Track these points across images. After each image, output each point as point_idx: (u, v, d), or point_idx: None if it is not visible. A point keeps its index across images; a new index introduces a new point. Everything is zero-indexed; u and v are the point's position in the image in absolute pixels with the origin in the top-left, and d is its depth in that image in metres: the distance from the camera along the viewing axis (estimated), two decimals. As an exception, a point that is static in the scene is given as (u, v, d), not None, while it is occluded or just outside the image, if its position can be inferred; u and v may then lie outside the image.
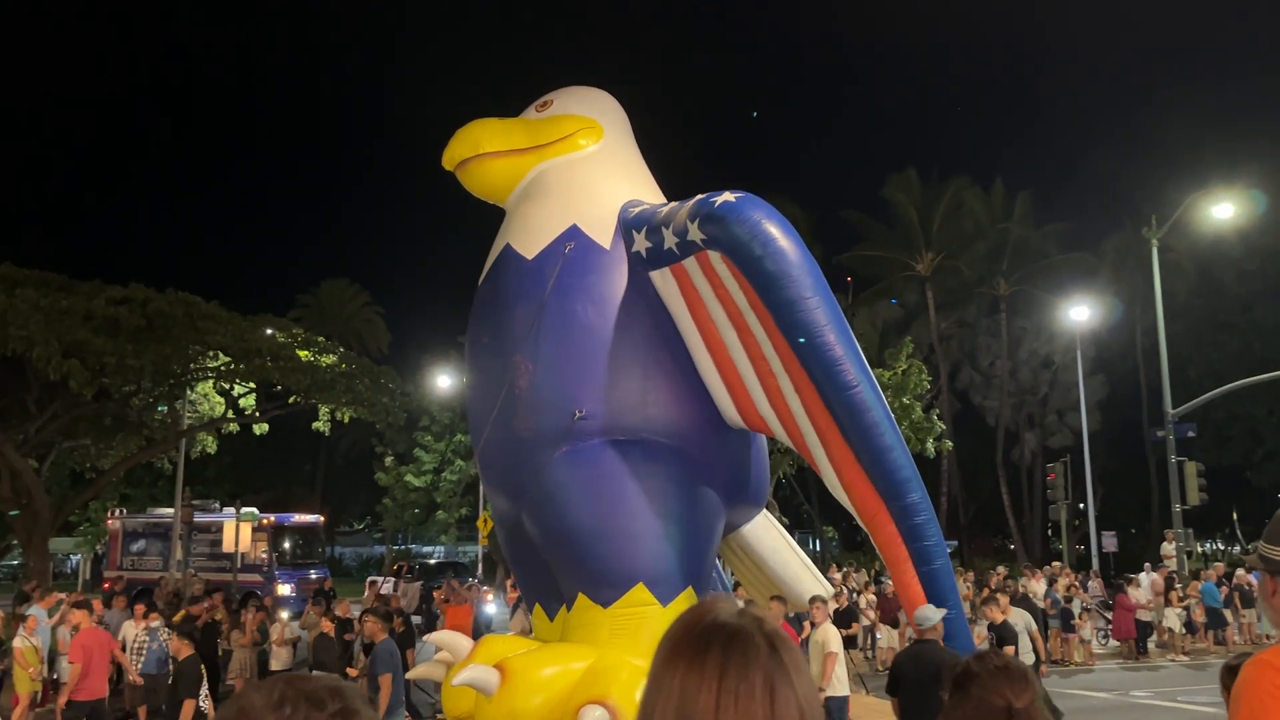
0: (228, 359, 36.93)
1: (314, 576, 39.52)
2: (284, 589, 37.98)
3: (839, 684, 9.91)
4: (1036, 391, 53.03)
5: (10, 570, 55.30)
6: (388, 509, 51.58)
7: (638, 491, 9.38)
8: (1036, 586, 26.68)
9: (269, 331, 38.27)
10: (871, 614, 25.11)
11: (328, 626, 18.23)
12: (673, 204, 9.55)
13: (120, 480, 46.22)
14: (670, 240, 9.20)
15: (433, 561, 48.78)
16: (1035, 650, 14.55)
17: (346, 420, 42.00)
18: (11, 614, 21.14)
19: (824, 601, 12.12)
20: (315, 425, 41.89)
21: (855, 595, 27.77)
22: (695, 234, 9.01)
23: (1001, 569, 33.73)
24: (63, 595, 22.42)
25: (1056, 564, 31.96)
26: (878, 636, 24.90)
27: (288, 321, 41.49)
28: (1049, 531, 50.75)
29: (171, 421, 39.00)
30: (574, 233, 9.70)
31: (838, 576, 30.25)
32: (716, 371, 9.56)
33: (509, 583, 30.67)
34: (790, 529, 48.67)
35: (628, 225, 9.61)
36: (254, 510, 39.19)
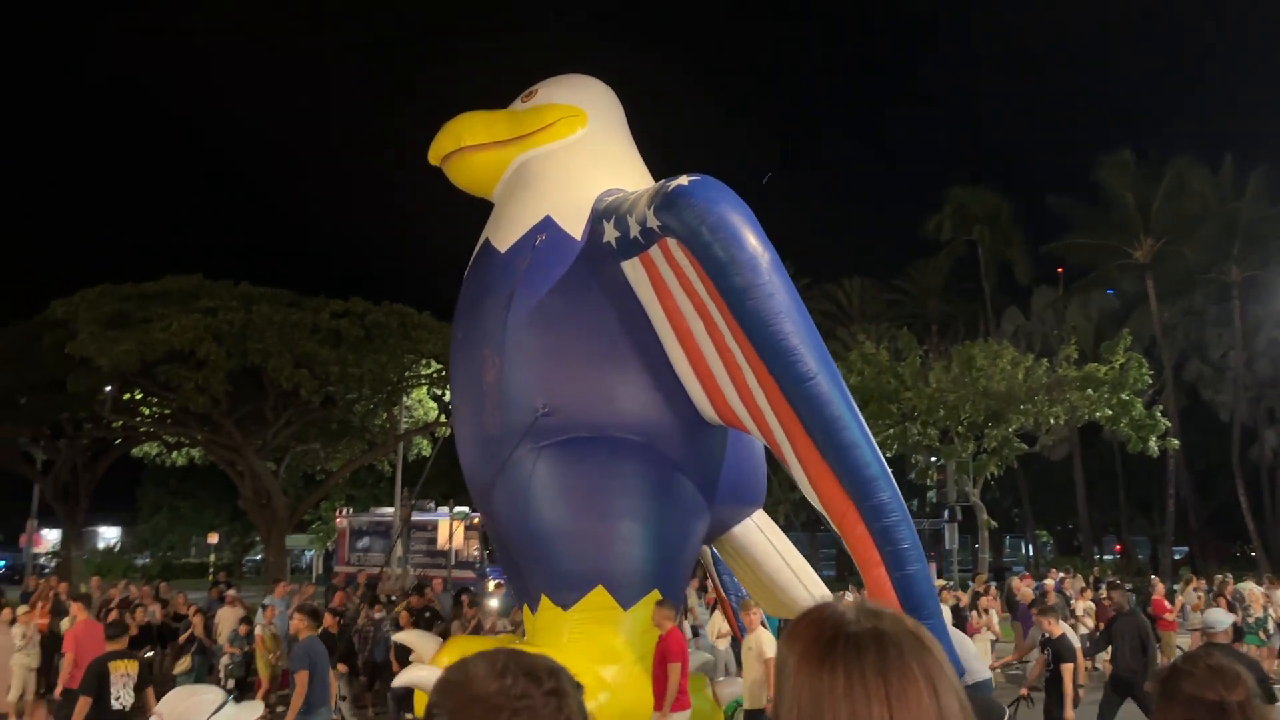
0: (439, 366, 38.61)
1: (523, 571, 40.64)
2: (493, 584, 39.25)
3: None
4: (1278, 384, 47.23)
5: (254, 565, 59.36)
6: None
7: (603, 491, 9.08)
8: (1281, 596, 24.17)
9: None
10: (1089, 621, 23.52)
11: None
12: (640, 190, 9.10)
13: (346, 481, 49.15)
14: (635, 229, 8.78)
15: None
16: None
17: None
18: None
19: (758, 606, 11.31)
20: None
21: (1070, 601, 25.98)
22: (653, 220, 8.56)
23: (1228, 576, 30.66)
24: (294, 586, 24.34)
25: None
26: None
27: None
28: (1295, 538, 46.22)
29: (390, 426, 41.08)
30: (546, 224, 9.46)
31: (1050, 582, 28.24)
32: (689, 365, 9.06)
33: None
34: (1000, 533, 46.44)
35: (598, 215, 9.29)
36: (466, 509, 40.69)
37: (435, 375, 39.23)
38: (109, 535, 53.41)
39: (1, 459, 40.80)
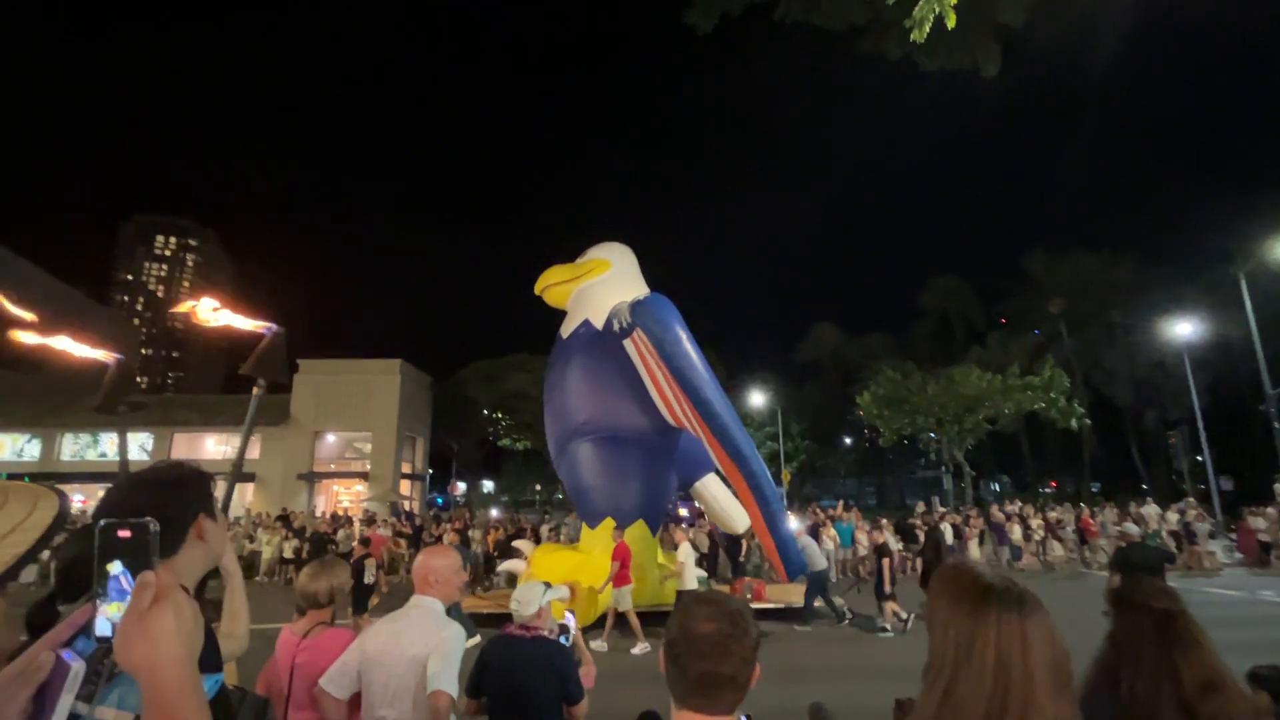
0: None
1: (695, 505, 39.68)
2: (682, 512, 38.51)
3: (690, 582, 8.52)
4: (1152, 383, 38.45)
5: (560, 500, 59.72)
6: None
7: (612, 464, 8.88)
8: None
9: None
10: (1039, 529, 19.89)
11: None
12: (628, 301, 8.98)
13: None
14: (625, 323, 8.72)
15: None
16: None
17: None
18: None
19: (683, 526, 10.44)
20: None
21: (1027, 520, 22.55)
22: (629, 319, 8.50)
23: None
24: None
25: None
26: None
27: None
28: None
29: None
30: (586, 323, 9.41)
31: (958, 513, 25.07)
32: (658, 395, 8.81)
33: (812, 507, 28.32)
34: (978, 478, 41.93)
35: (610, 316, 9.15)
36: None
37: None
38: (488, 485, 56.03)
39: (437, 449, 43.71)
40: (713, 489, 9.96)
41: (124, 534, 0.89)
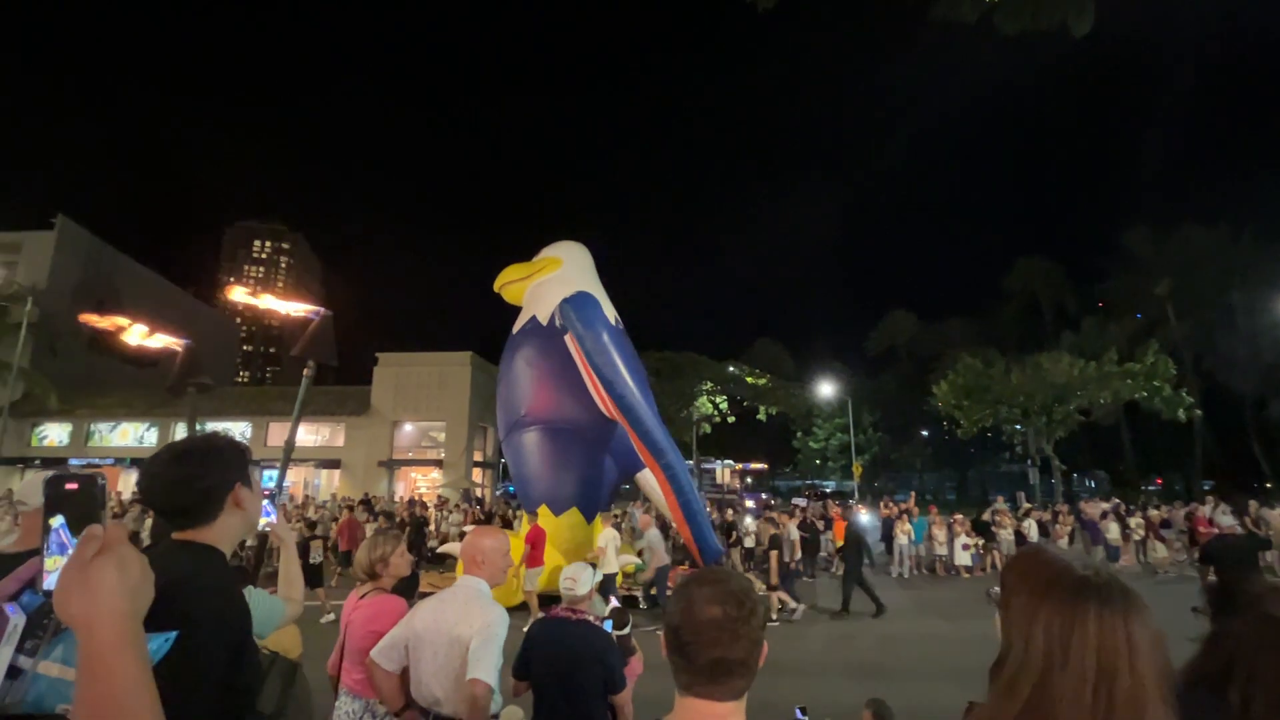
0: (712, 384, 38.94)
1: (763, 496, 39.72)
2: (749, 503, 38.63)
3: (611, 566, 8.64)
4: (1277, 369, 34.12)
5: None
6: (800, 460, 47.64)
7: (550, 454, 9.25)
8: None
9: (731, 369, 39.74)
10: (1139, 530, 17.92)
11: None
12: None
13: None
14: (560, 320, 9.10)
15: (829, 490, 45.29)
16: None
17: (775, 412, 41.76)
18: None
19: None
20: (759, 416, 41.67)
21: (1125, 516, 20.61)
22: (560, 318, 8.87)
23: None
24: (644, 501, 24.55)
25: None
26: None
27: (739, 363, 42.51)
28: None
29: (685, 416, 41.84)
30: (533, 319, 9.76)
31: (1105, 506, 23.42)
32: (594, 388, 9.12)
33: (884, 501, 27.17)
34: (1072, 473, 38.62)
35: (553, 312, 9.51)
36: (730, 461, 40.40)
37: (710, 389, 39.53)
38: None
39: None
40: (652, 483, 10.15)
41: (71, 486, 0.85)
